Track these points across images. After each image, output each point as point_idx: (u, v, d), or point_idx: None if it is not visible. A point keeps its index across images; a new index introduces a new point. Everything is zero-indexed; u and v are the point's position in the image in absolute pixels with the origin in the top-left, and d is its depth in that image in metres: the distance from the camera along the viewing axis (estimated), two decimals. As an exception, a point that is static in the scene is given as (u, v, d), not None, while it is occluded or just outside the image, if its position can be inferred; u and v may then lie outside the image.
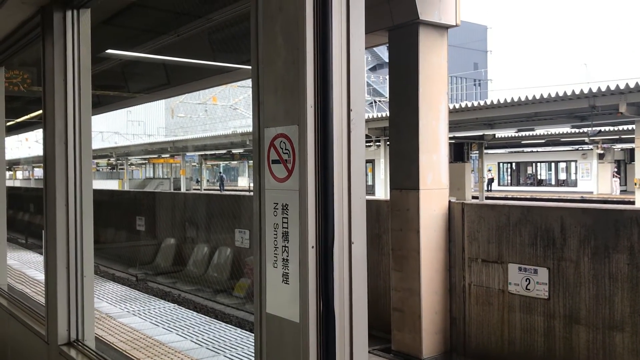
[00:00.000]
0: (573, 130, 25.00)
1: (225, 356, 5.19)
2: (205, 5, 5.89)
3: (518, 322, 6.20)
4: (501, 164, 44.40)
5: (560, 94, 15.78)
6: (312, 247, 1.67)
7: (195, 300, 10.24)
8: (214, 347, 5.41)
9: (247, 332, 6.02)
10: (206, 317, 6.86)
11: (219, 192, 30.45)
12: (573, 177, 40.27)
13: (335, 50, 1.67)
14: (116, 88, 10.50)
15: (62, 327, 3.66)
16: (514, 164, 43.98)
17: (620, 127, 24.17)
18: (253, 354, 1.96)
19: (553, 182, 42.44)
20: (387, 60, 7.21)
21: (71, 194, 3.63)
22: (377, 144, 24.32)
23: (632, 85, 14.59)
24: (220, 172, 44.66)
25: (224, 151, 35.00)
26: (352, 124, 1.72)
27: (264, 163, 1.83)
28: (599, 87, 15.27)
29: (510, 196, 33.10)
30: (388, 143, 8.35)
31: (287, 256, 1.74)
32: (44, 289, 3.99)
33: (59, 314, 3.64)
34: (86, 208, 3.65)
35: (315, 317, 1.67)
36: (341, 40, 1.69)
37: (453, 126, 19.40)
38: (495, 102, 17.59)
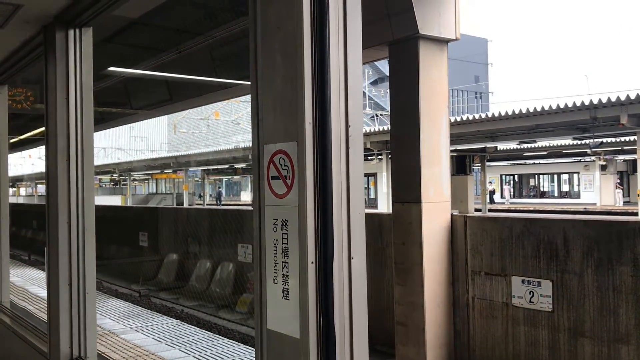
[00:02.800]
0: (575, 142, 24.99)
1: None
2: (207, 22, 5.94)
3: (522, 335, 6.16)
4: (504, 176, 44.35)
5: (562, 106, 15.81)
6: (312, 262, 1.67)
7: (198, 316, 10.20)
8: (216, 363, 5.39)
9: (250, 348, 5.99)
10: (209, 332, 6.84)
11: (222, 207, 30.45)
12: (576, 188, 40.19)
13: (332, 67, 1.69)
14: (119, 104, 10.56)
15: (64, 345, 3.65)
16: (516, 176, 43.93)
17: (622, 139, 24.15)
18: (255, 370, 1.96)
19: (556, 194, 42.35)
20: (388, 74, 7.26)
21: (73, 211, 3.64)
22: (379, 157, 24.36)
23: (632, 97, 14.61)
24: (218, 187, 44.55)
25: (226, 166, 35.06)
26: (351, 140, 1.73)
27: (263, 179, 1.84)
28: (599, 99, 15.30)
29: (513, 209, 33.03)
30: (390, 156, 8.36)
31: (287, 272, 1.75)
32: (46, 305, 3.99)
33: (61, 331, 3.64)
34: (88, 225, 3.66)
35: (315, 333, 1.67)
36: (339, 58, 1.72)
37: (455, 139, 19.42)
38: (496, 114, 17.63)
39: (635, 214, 22.12)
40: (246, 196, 49.44)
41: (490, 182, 39.37)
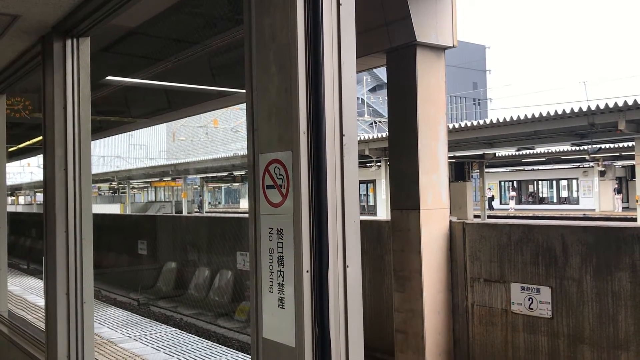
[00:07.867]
0: (573, 148, 25.03)
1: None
2: (204, 31, 5.97)
3: (522, 342, 6.15)
4: (502, 183, 44.36)
5: (560, 112, 15.85)
6: (307, 271, 1.68)
7: (197, 324, 10.18)
8: (215, 372, 5.37)
9: (249, 356, 5.97)
10: (208, 341, 6.82)
11: (221, 215, 30.41)
12: (575, 194, 40.19)
13: (327, 77, 1.70)
14: (117, 113, 10.58)
15: (62, 354, 3.65)
16: (515, 183, 43.95)
17: (621, 144, 24.19)
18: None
19: (555, 200, 42.35)
20: (386, 81, 7.31)
21: (71, 220, 3.64)
22: (378, 164, 24.38)
23: (630, 103, 14.65)
24: (200, 195, 44.12)
25: (225, 173, 35.08)
26: (345, 149, 1.74)
27: (258, 188, 1.85)
28: (597, 105, 15.33)
29: (512, 215, 33.01)
30: (388, 163, 8.38)
31: (283, 281, 1.75)
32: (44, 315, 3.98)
33: (59, 340, 3.63)
34: (86, 234, 3.66)
35: (310, 342, 1.67)
36: (333, 68, 1.73)
37: (453, 145, 19.46)
38: (494, 121, 17.66)
39: (634, 220, 22.12)
40: (245, 203, 49.41)
41: (490, 189, 39.39)
